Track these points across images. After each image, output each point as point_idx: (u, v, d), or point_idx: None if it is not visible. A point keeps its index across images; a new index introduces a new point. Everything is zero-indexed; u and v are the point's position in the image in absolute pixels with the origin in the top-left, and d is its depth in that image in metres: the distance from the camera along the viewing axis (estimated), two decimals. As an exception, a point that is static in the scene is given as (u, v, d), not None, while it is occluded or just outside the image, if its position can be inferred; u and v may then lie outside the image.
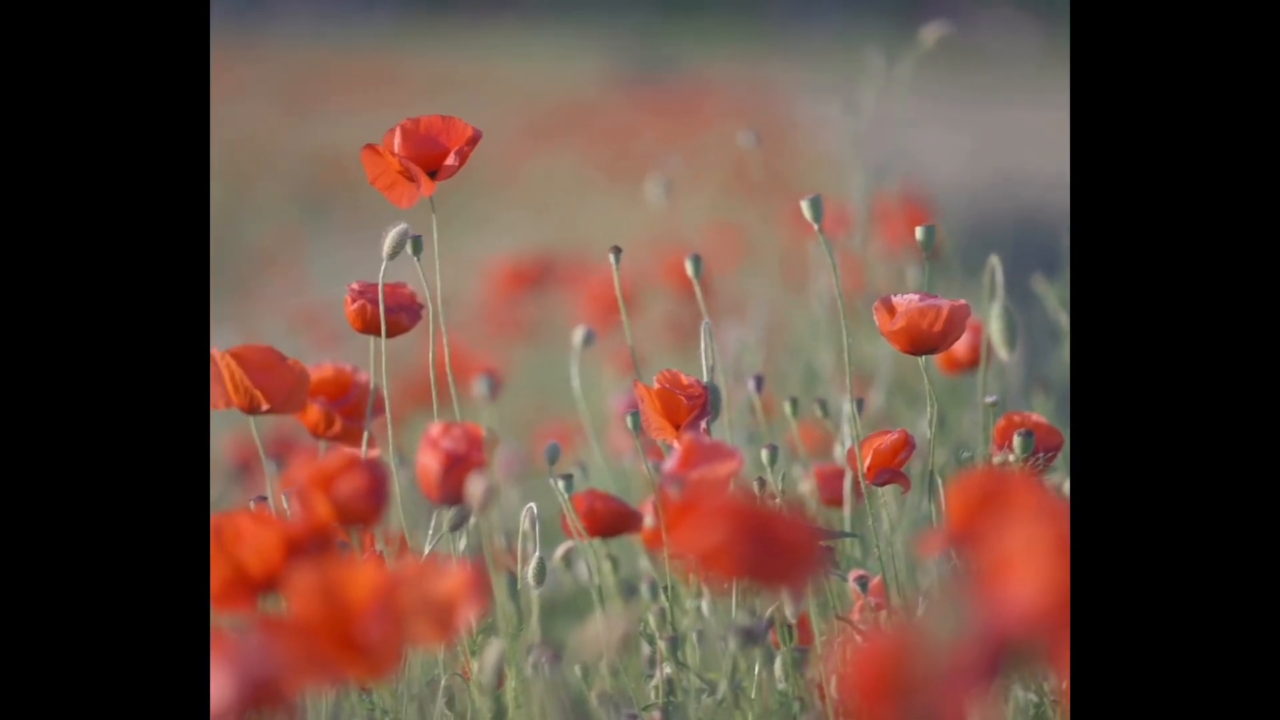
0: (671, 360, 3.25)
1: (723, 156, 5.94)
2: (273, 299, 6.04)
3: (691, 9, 17.55)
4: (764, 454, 1.74)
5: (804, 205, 1.73)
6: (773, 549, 1.17)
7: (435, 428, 1.54)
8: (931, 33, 2.54)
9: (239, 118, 10.59)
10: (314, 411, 1.80)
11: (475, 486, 1.43)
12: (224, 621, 1.39)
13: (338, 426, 1.81)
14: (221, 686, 1.07)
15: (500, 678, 1.55)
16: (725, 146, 6.35)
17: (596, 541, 1.86)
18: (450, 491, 1.51)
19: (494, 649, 1.47)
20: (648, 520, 1.93)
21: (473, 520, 1.68)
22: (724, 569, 1.17)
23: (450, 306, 1.78)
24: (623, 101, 11.06)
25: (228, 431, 3.35)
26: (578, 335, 1.93)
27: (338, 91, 11.81)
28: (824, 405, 1.95)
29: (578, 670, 1.72)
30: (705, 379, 1.75)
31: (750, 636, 1.48)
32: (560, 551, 1.90)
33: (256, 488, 2.78)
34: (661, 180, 2.56)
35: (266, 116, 10.78)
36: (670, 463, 1.54)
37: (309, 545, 1.36)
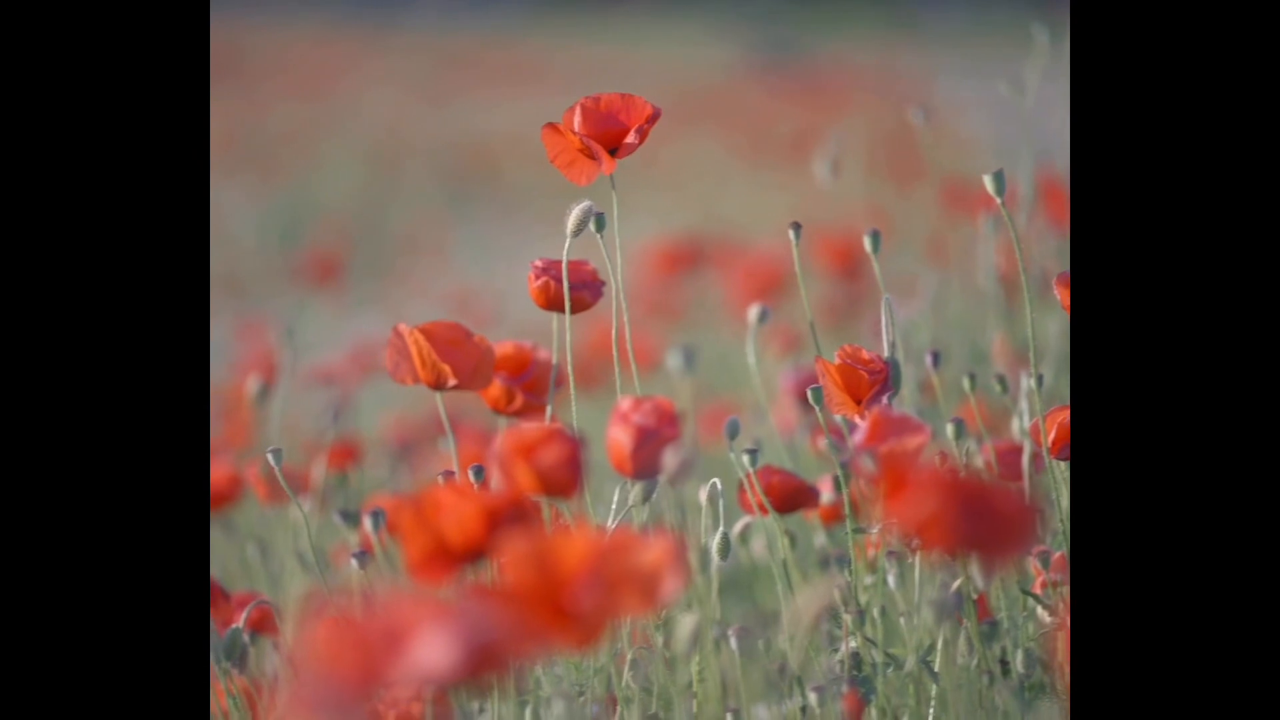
0: (827, 340, 3.24)
1: (863, 139, 5.92)
2: (418, 283, 6.09)
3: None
4: (949, 428, 1.74)
5: (987, 180, 1.73)
6: (989, 520, 1.17)
7: (625, 402, 1.55)
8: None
9: (381, 107, 10.68)
10: (495, 387, 1.82)
11: (672, 460, 1.44)
12: (431, 592, 1.41)
13: (519, 402, 1.83)
14: (445, 652, 1.08)
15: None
16: (865, 129, 6.32)
17: (773, 517, 1.86)
18: (643, 465, 1.52)
19: (689, 621, 1.48)
20: (825, 496, 1.93)
21: (655, 495, 1.69)
22: (940, 540, 1.17)
23: (605, 287, 1.79)
24: (756, 87, 11.05)
25: (388, 412, 3.38)
26: (753, 313, 1.93)
27: (476, 80, 11.87)
28: (1002, 381, 1.95)
29: (761, 645, 1.73)
30: (886, 354, 1.75)
31: (944, 610, 1.48)
32: (739, 527, 1.91)
33: (423, 467, 2.80)
34: (828, 159, 2.56)
35: (407, 105, 10.86)
36: (858, 436, 1.54)
37: (508, 516, 1.37)
